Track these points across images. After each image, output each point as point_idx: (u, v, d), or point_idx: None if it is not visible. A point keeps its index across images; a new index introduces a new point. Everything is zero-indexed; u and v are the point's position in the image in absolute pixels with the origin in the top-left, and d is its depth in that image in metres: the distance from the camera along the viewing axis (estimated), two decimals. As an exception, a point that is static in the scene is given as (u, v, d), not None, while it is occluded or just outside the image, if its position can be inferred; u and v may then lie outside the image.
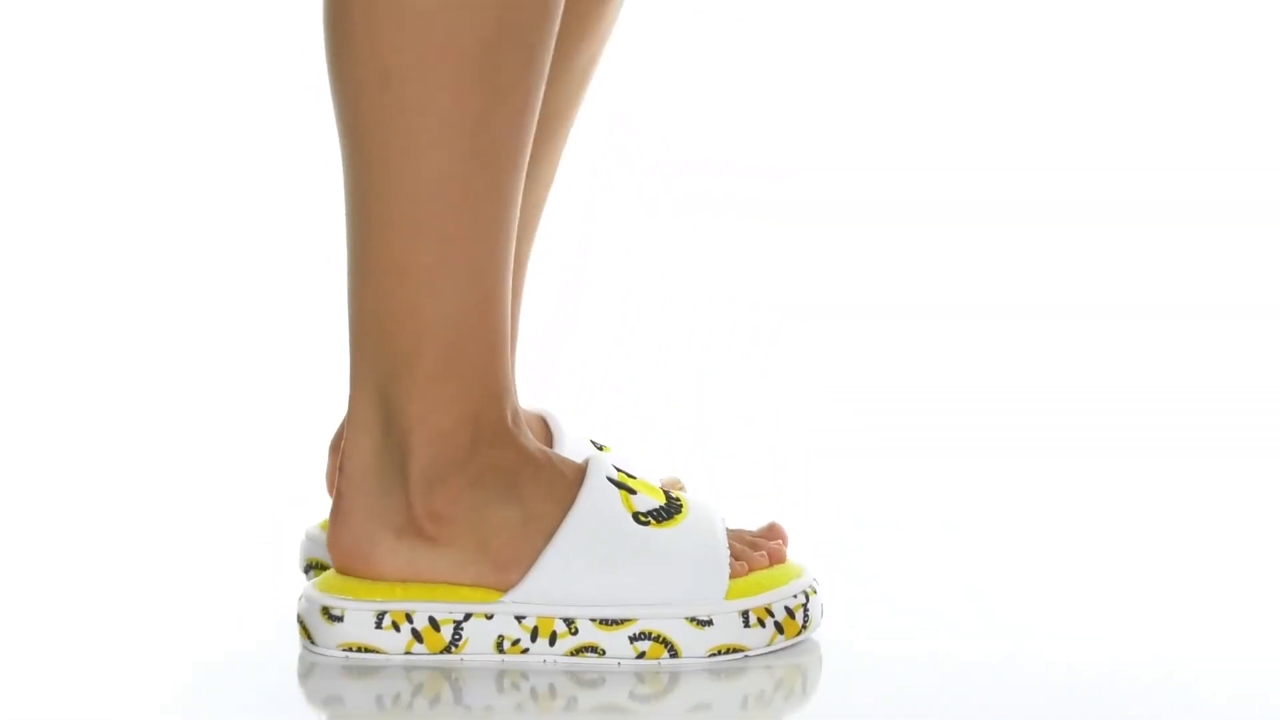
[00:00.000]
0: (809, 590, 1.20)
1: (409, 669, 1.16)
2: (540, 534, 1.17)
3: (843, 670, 1.18)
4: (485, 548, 1.17)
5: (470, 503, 1.17)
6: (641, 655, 1.17)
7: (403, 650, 1.17)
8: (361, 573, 1.18)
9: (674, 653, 1.17)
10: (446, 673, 1.16)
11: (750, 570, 1.19)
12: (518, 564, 1.17)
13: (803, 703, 1.15)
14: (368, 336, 1.17)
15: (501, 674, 1.15)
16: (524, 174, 1.17)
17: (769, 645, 1.18)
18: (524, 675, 1.15)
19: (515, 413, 1.19)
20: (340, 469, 1.19)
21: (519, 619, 1.17)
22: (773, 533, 1.23)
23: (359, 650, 1.17)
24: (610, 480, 1.20)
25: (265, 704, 1.13)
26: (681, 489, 1.37)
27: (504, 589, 1.17)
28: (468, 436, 1.17)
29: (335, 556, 1.19)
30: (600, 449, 1.38)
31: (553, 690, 1.14)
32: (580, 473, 1.19)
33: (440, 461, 1.17)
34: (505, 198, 1.16)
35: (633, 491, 1.20)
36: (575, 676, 1.15)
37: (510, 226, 1.17)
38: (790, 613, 1.19)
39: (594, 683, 1.14)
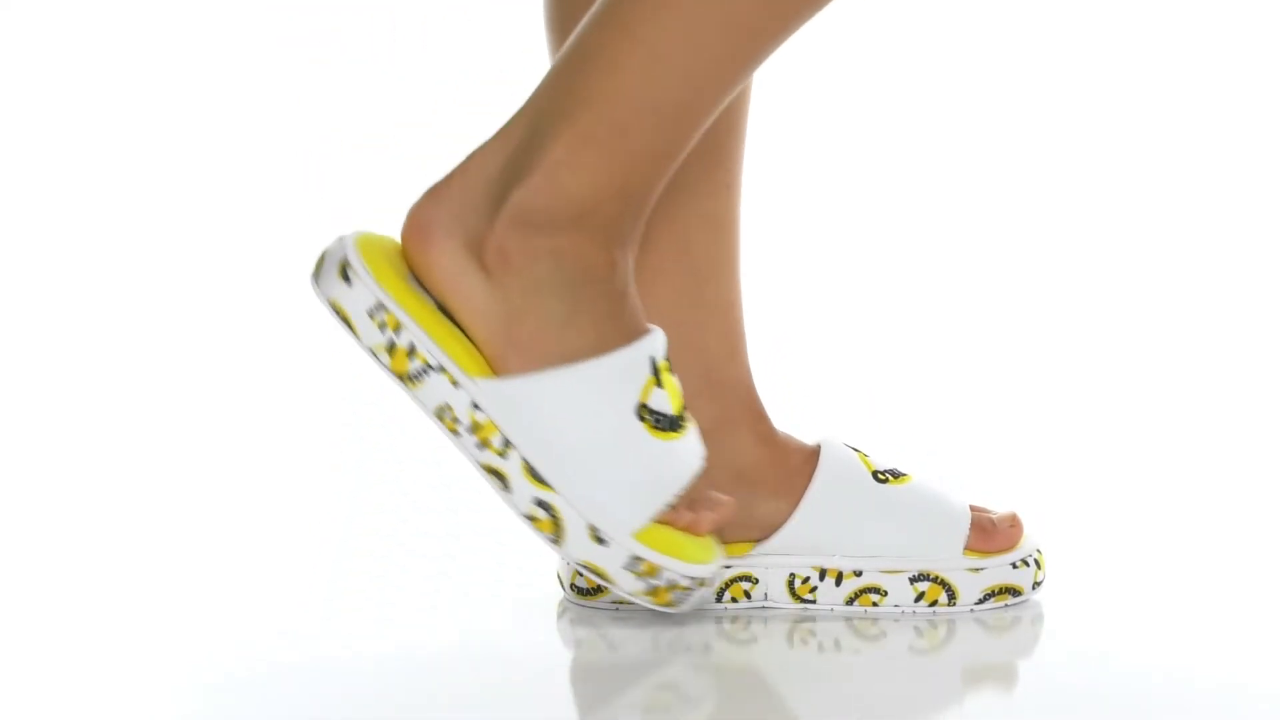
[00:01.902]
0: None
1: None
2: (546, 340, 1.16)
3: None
4: (512, 322, 1.16)
5: (536, 268, 1.16)
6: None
7: (367, 346, 1.16)
8: (414, 246, 1.16)
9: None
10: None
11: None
12: (522, 358, 1.16)
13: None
14: (563, 70, 1.16)
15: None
16: (770, 49, 1.16)
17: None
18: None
19: (621, 241, 1.17)
20: (463, 160, 1.18)
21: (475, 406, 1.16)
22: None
23: (332, 308, 1.16)
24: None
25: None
26: None
27: (494, 371, 1.16)
28: (576, 210, 1.16)
29: (406, 220, 1.17)
30: None
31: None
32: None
33: (541, 210, 1.16)
34: (750, 50, 1.15)
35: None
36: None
37: (736, 78, 1.16)
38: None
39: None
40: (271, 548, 1.49)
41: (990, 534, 1.27)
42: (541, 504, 1.16)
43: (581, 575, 1.25)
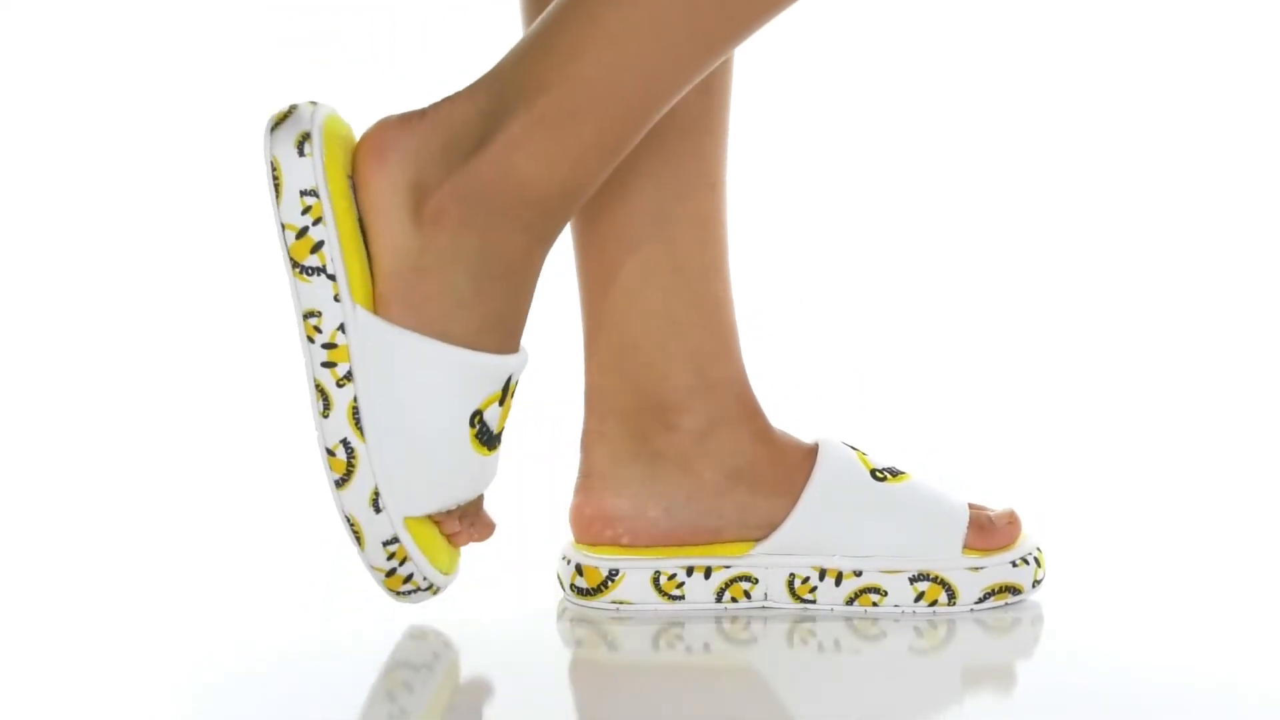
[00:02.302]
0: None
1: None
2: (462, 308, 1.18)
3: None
4: (417, 274, 1.18)
5: (463, 240, 1.18)
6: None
7: (281, 220, 1.17)
8: (366, 160, 1.18)
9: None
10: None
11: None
12: (406, 312, 1.17)
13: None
14: (529, 48, 1.17)
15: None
16: (727, 48, 1.17)
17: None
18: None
19: (545, 237, 1.19)
20: (438, 110, 1.19)
21: None
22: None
23: (271, 166, 1.17)
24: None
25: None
26: None
27: (374, 307, 1.17)
28: (520, 194, 1.18)
29: (370, 131, 1.19)
30: None
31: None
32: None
33: (489, 185, 1.17)
34: (709, 47, 1.16)
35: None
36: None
37: (692, 74, 1.17)
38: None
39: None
40: (271, 548, 1.49)
41: (989, 531, 1.27)
42: (347, 445, 1.17)
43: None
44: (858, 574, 1.26)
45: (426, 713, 1.11)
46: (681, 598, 1.27)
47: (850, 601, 1.26)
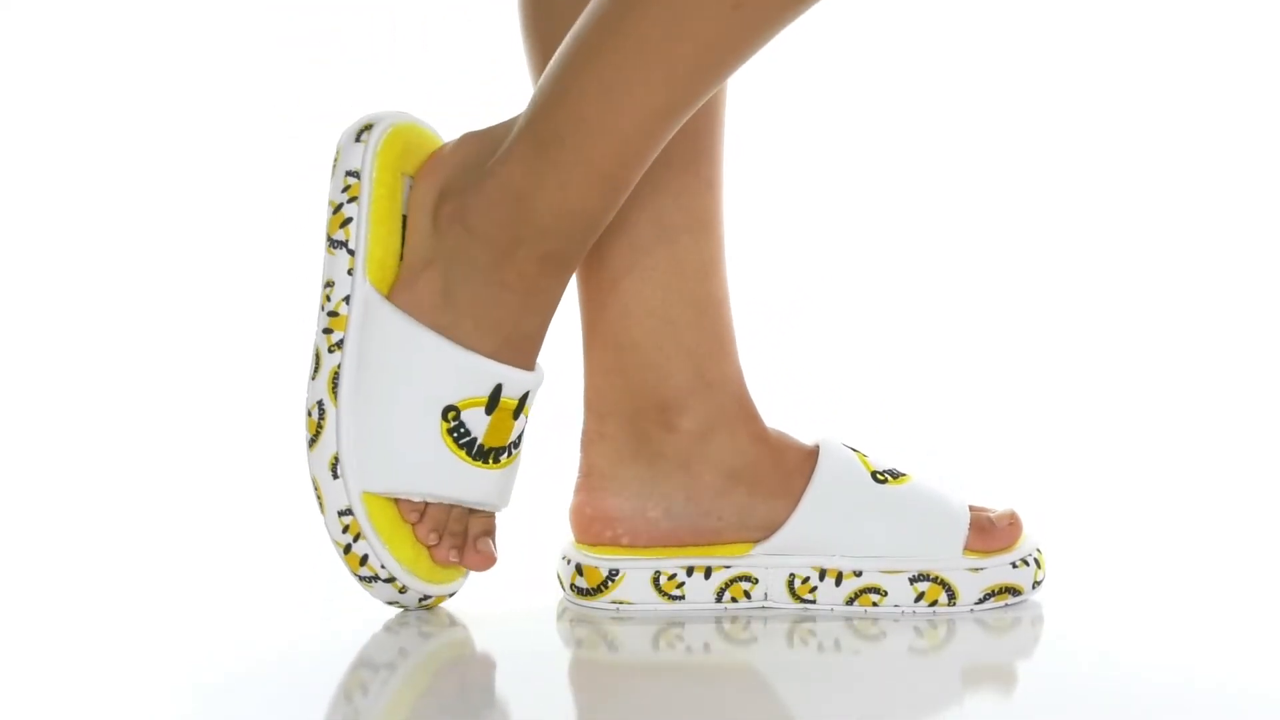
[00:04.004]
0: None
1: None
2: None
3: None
4: (425, 268, 1.23)
5: (468, 247, 1.22)
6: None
7: (328, 197, 1.24)
8: (427, 161, 1.25)
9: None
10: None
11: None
12: (408, 299, 1.22)
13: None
14: (546, 77, 1.20)
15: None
16: (732, 68, 1.18)
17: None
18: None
19: (558, 263, 1.22)
20: (490, 129, 1.24)
21: None
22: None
23: (336, 151, 1.24)
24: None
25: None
26: None
27: (383, 284, 1.23)
28: (518, 211, 1.21)
29: (446, 144, 1.26)
30: None
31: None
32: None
33: (491, 202, 1.21)
34: (700, 82, 1.18)
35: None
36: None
37: (688, 108, 1.18)
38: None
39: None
40: (271, 548, 1.49)
41: (989, 533, 1.27)
42: (320, 408, 1.22)
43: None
44: (858, 574, 1.26)
45: (427, 713, 1.11)
46: (681, 598, 1.27)
47: (850, 601, 1.26)
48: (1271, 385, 2.05)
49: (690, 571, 1.27)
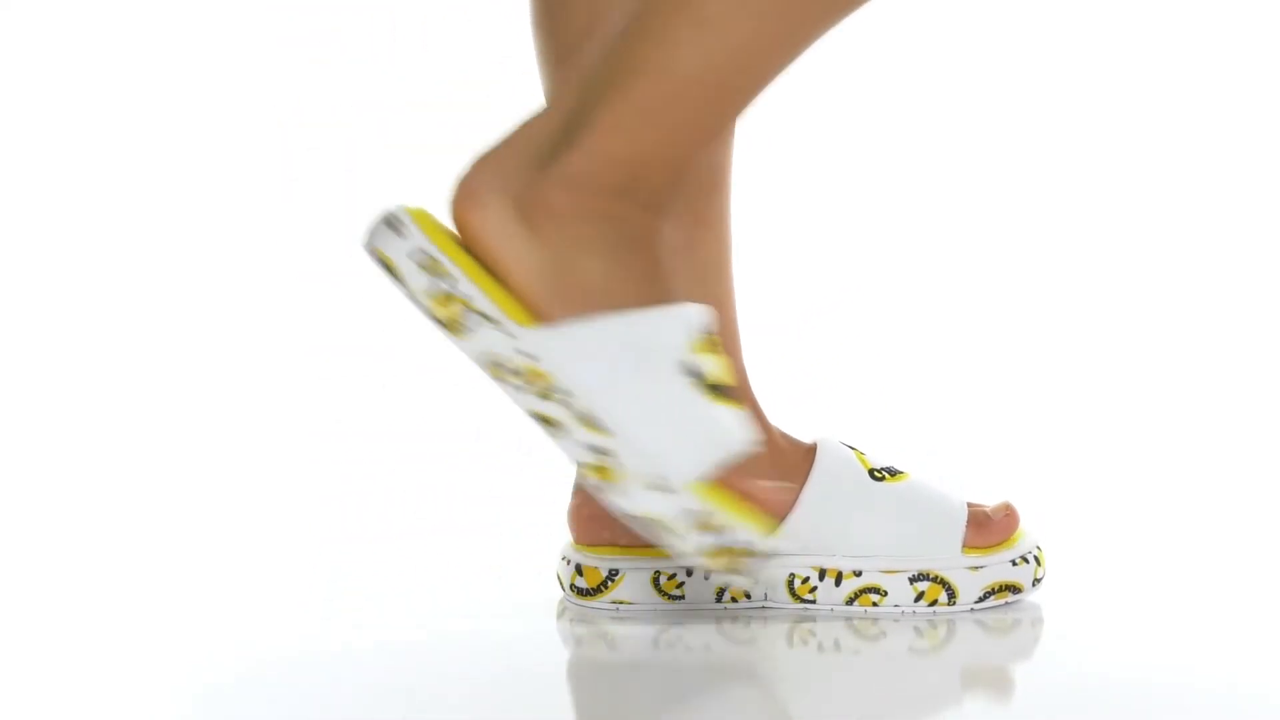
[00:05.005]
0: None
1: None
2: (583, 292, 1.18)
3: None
4: (557, 274, 1.17)
5: (583, 226, 1.17)
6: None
7: (412, 292, 1.17)
8: (463, 208, 1.18)
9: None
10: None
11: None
12: (566, 307, 1.16)
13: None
14: (617, 43, 1.17)
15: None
16: (824, 28, 1.17)
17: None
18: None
19: (661, 209, 1.19)
20: (509, 131, 1.19)
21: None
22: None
23: (379, 258, 1.17)
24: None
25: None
26: None
27: (539, 320, 1.16)
28: (623, 176, 1.17)
29: (455, 186, 1.19)
30: None
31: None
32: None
33: (590, 174, 1.17)
34: (804, 29, 1.16)
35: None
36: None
37: (787, 57, 1.17)
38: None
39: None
40: (271, 548, 1.49)
41: (986, 527, 1.27)
42: (596, 449, 1.15)
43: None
44: (857, 574, 1.26)
45: (427, 713, 1.11)
46: (681, 598, 1.27)
47: (850, 601, 1.26)
48: (1271, 385, 2.05)
49: (690, 572, 1.27)
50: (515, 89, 1.45)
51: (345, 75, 2.41)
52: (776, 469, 1.28)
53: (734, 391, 1.19)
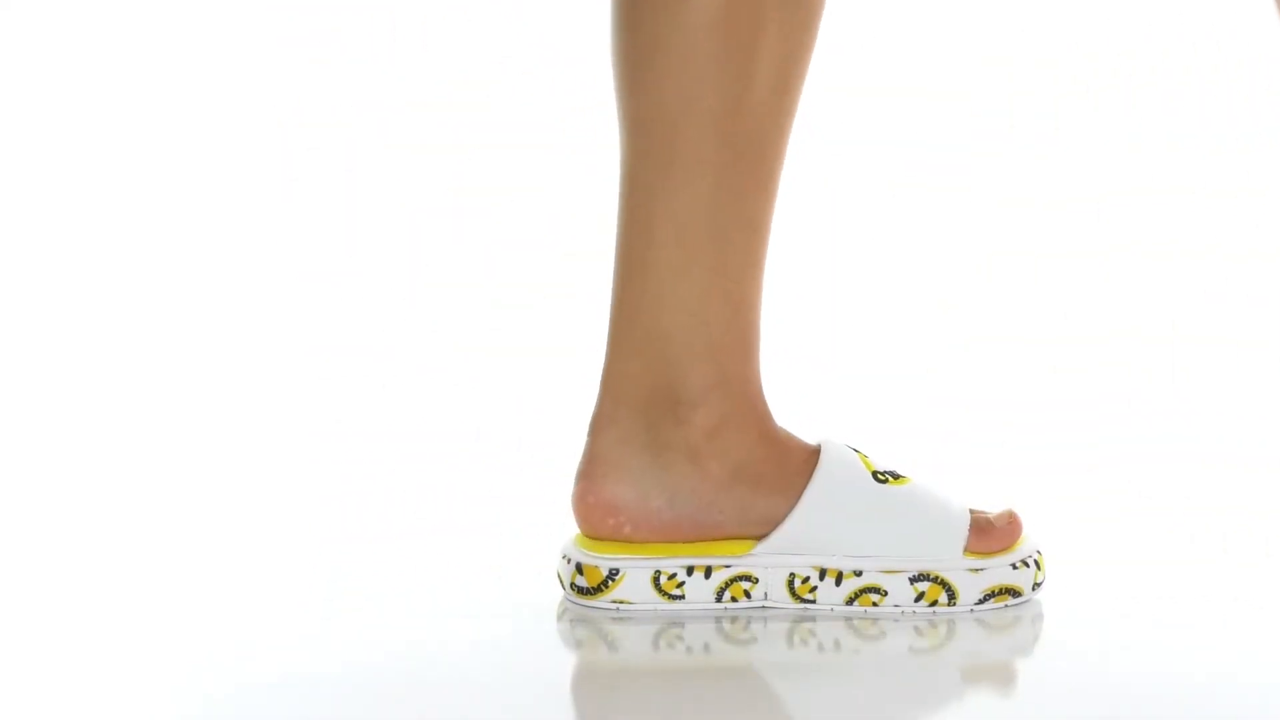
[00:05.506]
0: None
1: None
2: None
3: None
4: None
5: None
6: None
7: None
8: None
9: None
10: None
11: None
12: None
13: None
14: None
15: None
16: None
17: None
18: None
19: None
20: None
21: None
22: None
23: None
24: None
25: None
26: None
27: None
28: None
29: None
30: None
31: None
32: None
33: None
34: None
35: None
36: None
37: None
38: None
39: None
40: (271, 550, 1.49)
41: (989, 534, 1.28)
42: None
43: (581, 577, 1.27)
44: (858, 574, 1.26)
45: (427, 714, 1.11)
46: (681, 597, 1.27)
47: (850, 601, 1.26)
48: (1271, 385, 2.05)
49: (690, 571, 1.27)
50: (515, 89, 1.45)
51: (345, 75, 2.40)
52: (779, 470, 1.28)
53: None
